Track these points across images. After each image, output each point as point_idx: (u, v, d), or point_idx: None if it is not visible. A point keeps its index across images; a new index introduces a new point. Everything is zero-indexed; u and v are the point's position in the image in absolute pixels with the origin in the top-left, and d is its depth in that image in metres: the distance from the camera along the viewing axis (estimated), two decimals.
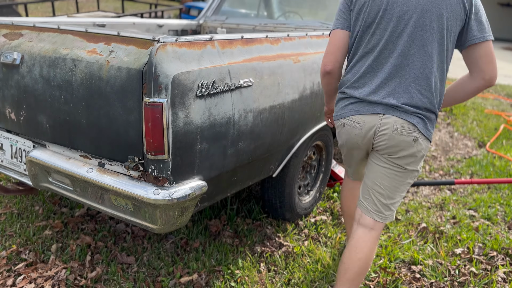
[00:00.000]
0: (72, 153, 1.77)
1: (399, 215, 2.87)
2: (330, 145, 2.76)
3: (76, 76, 1.65)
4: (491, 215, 2.93)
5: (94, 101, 1.62)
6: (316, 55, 2.28)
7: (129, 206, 1.59)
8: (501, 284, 2.23)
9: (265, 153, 2.01)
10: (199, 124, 1.57)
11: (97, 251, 2.26)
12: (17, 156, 1.98)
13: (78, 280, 2.04)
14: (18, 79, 1.82)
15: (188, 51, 1.56)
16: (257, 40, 1.93)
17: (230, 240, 2.41)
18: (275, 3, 4.01)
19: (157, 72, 1.45)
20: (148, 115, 1.46)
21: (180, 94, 1.49)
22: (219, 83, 1.63)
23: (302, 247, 2.38)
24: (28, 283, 1.99)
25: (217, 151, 1.69)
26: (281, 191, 2.39)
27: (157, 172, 1.53)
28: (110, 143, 1.62)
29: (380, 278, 2.18)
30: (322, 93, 2.28)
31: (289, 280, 2.15)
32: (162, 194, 1.50)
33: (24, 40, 1.87)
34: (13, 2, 8.17)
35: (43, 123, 1.80)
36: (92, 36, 1.71)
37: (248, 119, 1.79)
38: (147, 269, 2.15)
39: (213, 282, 2.07)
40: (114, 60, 1.57)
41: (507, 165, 3.93)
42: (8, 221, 2.48)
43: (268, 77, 1.89)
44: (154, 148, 1.49)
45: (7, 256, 2.18)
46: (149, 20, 3.41)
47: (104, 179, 1.59)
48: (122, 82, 1.54)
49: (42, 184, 1.87)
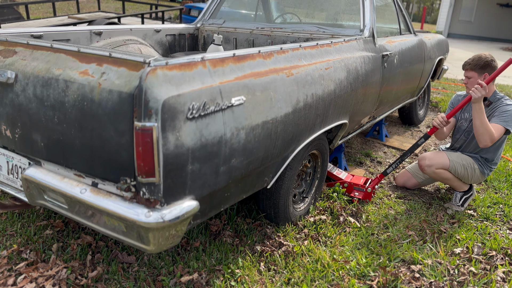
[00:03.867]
0: (66, 172, 1.79)
1: (399, 215, 2.89)
2: (326, 152, 2.77)
3: (68, 97, 1.66)
4: (490, 215, 2.95)
5: (86, 123, 1.63)
6: (310, 66, 2.28)
7: (122, 227, 1.61)
8: (500, 283, 2.24)
9: (258, 167, 2.03)
10: (190, 146, 1.59)
11: (98, 251, 2.28)
12: (13, 172, 2.00)
13: (79, 280, 2.07)
14: (13, 98, 1.84)
15: (178, 73, 1.57)
16: (249, 56, 1.93)
17: (230, 240, 2.43)
18: (273, 5, 4.00)
19: (147, 97, 1.46)
20: (138, 139, 1.48)
21: (170, 118, 1.50)
22: (210, 103, 1.64)
23: (302, 247, 2.40)
24: (29, 282, 2.01)
25: (209, 170, 1.71)
26: (276, 203, 2.41)
27: (148, 194, 1.55)
28: (103, 164, 1.64)
29: (380, 277, 2.20)
30: (315, 104, 2.29)
31: (289, 280, 2.17)
32: (154, 217, 1.52)
33: (18, 58, 1.88)
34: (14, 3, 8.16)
35: (37, 141, 1.82)
36: (84, 56, 1.72)
37: (240, 136, 1.80)
38: (148, 269, 2.18)
39: (213, 281, 2.10)
40: (105, 83, 1.58)
41: (506, 164, 3.94)
42: (9, 221, 2.51)
43: (260, 93, 1.90)
44: (145, 172, 1.50)
45: (8, 255, 2.20)
46: (146, 26, 3.42)
47: (96, 201, 1.61)
48: (113, 105, 1.55)
49: (38, 201, 1.90)
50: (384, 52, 3.21)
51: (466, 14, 20.07)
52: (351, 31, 3.16)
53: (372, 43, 3.09)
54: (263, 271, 2.21)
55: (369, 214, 2.87)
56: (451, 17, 19.83)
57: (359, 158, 3.97)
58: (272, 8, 4.02)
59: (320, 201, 2.91)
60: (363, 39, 3.01)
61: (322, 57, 2.44)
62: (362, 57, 2.84)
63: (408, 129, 5.07)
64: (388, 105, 3.68)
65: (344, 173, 3.13)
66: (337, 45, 2.66)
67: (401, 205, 3.06)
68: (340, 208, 2.84)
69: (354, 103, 2.78)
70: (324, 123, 2.46)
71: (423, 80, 4.45)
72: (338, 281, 2.17)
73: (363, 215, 2.83)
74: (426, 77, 4.55)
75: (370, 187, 3.01)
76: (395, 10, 3.86)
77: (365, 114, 3.15)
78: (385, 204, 3.05)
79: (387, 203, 3.07)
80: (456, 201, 3.05)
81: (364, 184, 3.04)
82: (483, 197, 3.22)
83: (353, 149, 4.21)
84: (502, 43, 19.25)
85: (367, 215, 2.85)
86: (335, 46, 2.63)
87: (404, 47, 3.65)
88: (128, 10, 15.39)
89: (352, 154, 4.07)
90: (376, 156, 4.06)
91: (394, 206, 3.03)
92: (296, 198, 2.67)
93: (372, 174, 3.66)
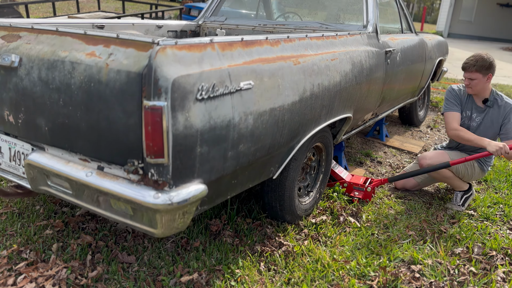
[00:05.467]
0: (71, 156, 1.75)
1: (399, 215, 2.86)
2: (330, 146, 2.75)
3: (75, 79, 1.64)
4: (490, 215, 2.93)
5: (93, 104, 1.60)
6: (316, 56, 2.26)
7: (129, 210, 1.58)
8: (501, 283, 2.23)
9: (265, 155, 2.00)
10: (199, 127, 1.56)
11: (98, 251, 2.26)
12: (15, 159, 1.96)
13: (79, 279, 2.04)
14: (17, 82, 1.81)
15: (188, 53, 1.55)
16: (257, 42, 1.92)
17: (230, 240, 2.41)
18: (275, 4, 4.00)
19: (157, 76, 1.44)
20: (147, 118, 1.45)
21: (180, 98, 1.48)
22: (219, 86, 1.62)
23: (302, 247, 2.38)
24: (28, 282, 1.98)
25: (217, 154, 1.68)
26: (281, 195, 2.38)
27: (156, 176, 1.52)
28: (110, 147, 1.61)
29: (380, 277, 2.17)
30: (322, 94, 2.28)
31: (289, 279, 2.14)
32: (162, 198, 1.49)
33: (22, 42, 1.86)
34: (14, 2, 8.15)
35: (41, 126, 1.79)
36: (91, 38, 1.70)
37: (248, 121, 1.78)
38: (148, 269, 2.15)
39: (213, 281, 2.07)
40: (113, 63, 1.56)
41: (506, 164, 3.94)
42: (9, 221, 2.48)
43: (268, 79, 1.88)
44: (154, 152, 1.47)
45: (8, 255, 2.17)
46: (148, 21, 3.40)
47: (103, 183, 1.57)
48: (121, 85, 1.52)
49: (41, 187, 1.86)
50: (387, 48, 3.20)
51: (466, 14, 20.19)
52: (354, 27, 3.16)
53: (375, 39, 3.08)
54: (263, 271, 2.19)
55: (369, 214, 2.85)
56: (451, 17, 19.95)
57: (359, 158, 3.95)
58: (273, 7, 4.02)
59: (320, 201, 2.89)
60: (367, 34, 3.00)
61: (328, 48, 2.43)
62: (366, 51, 2.83)
63: (408, 129, 5.06)
64: (390, 103, 3.67)
65: (345, 172, 3.10)
66: (342, 38, 2.65)
67: (401, 205, 3.04)
68: (340, 208, 2.82)
69: (359, 97, 2.77)
70: (329, 115, 2.44)
71: (423, 80, 4.45)
72: (338, 281, 2.15)
73: (363, 215, 2.81)
74: (427, 77, 4.55)
75: (370, 186, 2.98)
76: (397, 9, 3.87)
77: (369, 110, 3.13)
78: (385, 204, 3.03)
79: (387, 203, 3.05)
80: (456, 200, 3.02)
81: (364, 183, 3.01)
82: (483, 197, 3.20)
83: (353, 149, 4.20)
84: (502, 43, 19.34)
85: (367, 215, 2.83)
86: (340, 38, 2.62)
87: (406, 45, 3.65)
88: (128, 10, 15.42)
89: (352, 154, 4.05)
90: (376, 156, 4.04)
91: (394, 206, 3.01)
92: (301, 192, 2.64)
93: (372, 174, 3.64)
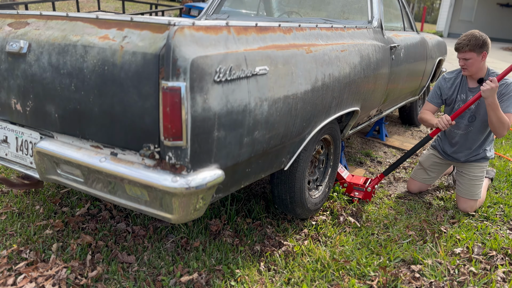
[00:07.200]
0: (82, 143, 1.71)
1: (399, 215, 2.84)
2: (338, 139, 2.73)
3: (87, 63, 1.60)
4: (490, 215, 2.92)
5: (107, 88, 1.56)
6: (327, 46, 2.25)
7: (145, 196, 1.53)
8: (501, 283, 2.21)
9: (278, 144, 1.97)
10: (217, 111, 1.52)
11: (98, 250, 2.22)
12: (22, 148, 1.91)
13: (79, 279, 2.01)
14: (25, 68, 1.76)
15: (205, 35, 1.52)
16: (271, 28, 1.89)
17: (230, 240, 2.39)
18: (275, 3, 3.99)
19: (176, 56, 1.40)
20: (166, 99, 1.41)
21: (198, 79, 1.44)
22: (236, 69, 1.59)
23: (302, 247, 2.35)
24: (28, 282, 1.95)
25: (234, 139, 1.64)
26: (291, 186, 2.34)
27: (174, 159, 1.47)
28: (124, 131, 1.57)
29: (380, 277, 2.15)
30: (332, 85, 2.25)
31: (289, 279, 2.12)
32: (180, 182, 1.45)
33: (31, 28, 1.82)
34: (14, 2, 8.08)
35: (51, 113, 1.74)
36: (103, 22, 1.66)
37: (263, 107, 1.75)
38: (148, 268, 2.12)
39: (213, 281, 2.05)
40: (128, 45, 1.52)
41: (506, 164, 3.94)
42: (8, 220, 2.44)
43: (282, 66, 1.85)
44: (172, 134, 1.43)
45: (8, 255, 2.13)
46: None
47: (118, 168, 1.53)
48: (137, 67, 1.49)
49: (50, 176, 1.81)
50: (392, 44, 3.20)
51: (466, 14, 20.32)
52: (360, 23, 3.15)
53: (381, 34, 3.08)
54: (263, 271, 2.16)
55: (369, 214, 2.83)
56: (451, 17, 20.08)
57: (359, 158, 3.93)
58: (274, 7, 4.01)
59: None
60: (373, 29, 3.00)
61: (337, 39, 2.41)
62: (373, 45, 2.82)
63: (408, 129, 5.06)
64: (394, 100, 3.66)
65: (346, 172, 3.08)
66: (350, 31, 2.64)
67: (401, 205, 3.02)
68: (340, 208, 2.80)
69: (366, 90, 2.75)
70: (339, 107, 2.42)
71: (425, 79, 4.46)
72: (338, 281, 2.13)
73: (363, 215, 2.79)
74: (428, 76, 4.56)
75: (370, 186, 2.96)
76: (399, 7, 3.88)
77: (374, 105, 3.12)
78: (385, 204, 3.01)
79: (387, 203, 3.03)
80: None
81: (364, 183, 2.99)
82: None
83: (353, 149, 4.18)
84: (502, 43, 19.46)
85: (367, 215, 2.80)
86: (348, 31, 2.61)
87: (409, 42, 3.65)
88: (128, 9, 15.38)
89: (352, 154, 4.03)
90: (376, 156, 4.03)
91: (394, 206, 2.99)
92: (310, 186, 2.61)
93: (372, 174, 3.62)
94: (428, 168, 3.14)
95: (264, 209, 2.74)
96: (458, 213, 2.93)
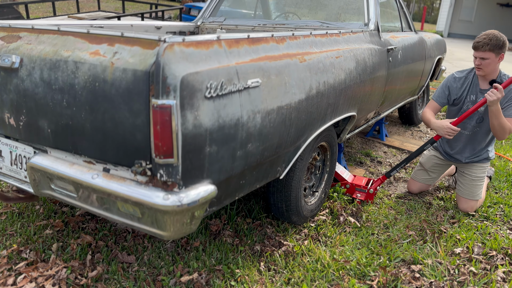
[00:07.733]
0: (75, 159, 1.71)
1: (399, 215, 2.84)
2: (335, 145, 2.72)
3: (79, 79, 1.59)
4: (490, 215, 2.91)
5: (98, 105, 1.56)
6: (321, 54, 2.23)
7: (137, 213, 1.53)
8: (501, 283, 2.21)
9: (273, 155, 1.97)
10: (208, 126, 1.52)
11: (98, 250, 2.24)
12: (17, 162, 1.91)
13: (79, 279, 2.02)
14: (17, 83, 1.76)
15: (195, 51, 1.51)
16: (263, 39, 1.88)
17: (230, 240, 2.39)
18: (273, 4, 3.97)
19: (165, 73, 1.40)
20: (156, 117, 1.41)
21: (189, 96, 1.44)
22: (227, 84, 1.58)
23: (302, 247, 2.36)
24: (28, 282, 1.96)
25: (226, 153, 1.64)
26: (287, 195, 2.34)
27: (166, 176, 1.47)
28: (116, 148, 1.56)
29: (380, 277, 2.16)
30: (327, 92, 2.24)
31: (289, 279, 2.12)
32: (172, 200, 1.45)
33: (23, 42, 1.81)
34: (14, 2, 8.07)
35: (44, 128, 1.74)
36: (94, 37, 1.65)
37: (256, 120, 1.74)
38: (148, 268, 2.13)
39: (213, 281, 2.05)
40: (118, 62, 1.52)
41: (506, 164, 3.92)
42: (8, 220, 2.45)
43: (275, 77, 1.84)
44: (163, 152, 1.43)
45: (8, 255, 2.15)
46: (147, 22, 3.36)
47: (110, 185, 1.53)
48: (127, 84, 1.48)
49: (44, 191, 1.81)
50: (389, 46, 3.18)
51: (466, 13, 20.19)
52: (356, 25, 3.14)
53: (377, 37, 3.06)
54: (263, 271, 2.17)
55: (369, 214, 2.83)
56: (451, 16, 19.95)
57: (359, 158, 3.92)
58: (272, 8, 3.99)
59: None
60: (369, 32, 2.98)
61: (332, 46, 2.40)
62: (369, 49, 2.81)
63: (408, 128, 5.05)
64: (392, 102, 3.65)
65: (347, 173, 3.07)
66: (345, 36, 2.63)
67: (401, 205, 3.02)
68: (340, 208, 2.80)
69: (363, 95, 2.74)
70: (334, 114, 2.41)
71: (423, 78, 4.44)
72: (338, 281, 2.13)
73: (363, 215, 2.79)
74: (427, 75, 4.54)
75: (372, 188, 2.95)
76: (396, 7, 3.85)
77: (371, 108, 3.11)
78: (385, 204, 3.01)
79: (387, 203, 3.02)
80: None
81: (366, 185, 2.98)
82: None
83: (353, 149, 4.17)
84: None
85: (367, 215, 2.80)
86: (343, 36, 2.60)
87: (407, 43, 3.63)
88: (128, 9, 15.37)
89: (352, 154, 4.02)
90: (376, 156, 4.02)
91: (394, 206, 2.98)
92: (306, 192, 2.60)
93: (372, 174, 3.61)
94: (429, 169, 3.14)
95: (264, 209, 2.74)
96: (458, 213, 2.93)
